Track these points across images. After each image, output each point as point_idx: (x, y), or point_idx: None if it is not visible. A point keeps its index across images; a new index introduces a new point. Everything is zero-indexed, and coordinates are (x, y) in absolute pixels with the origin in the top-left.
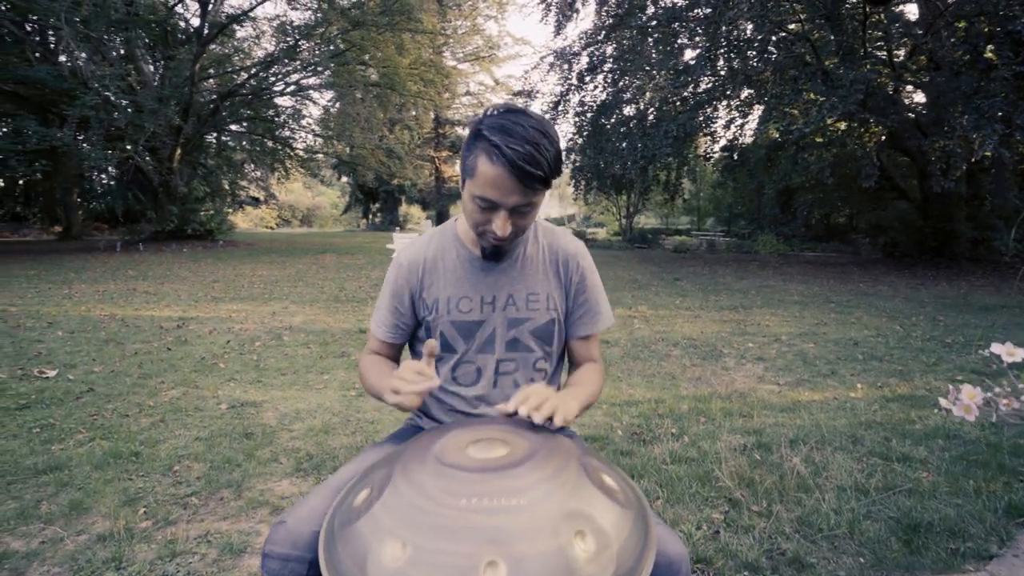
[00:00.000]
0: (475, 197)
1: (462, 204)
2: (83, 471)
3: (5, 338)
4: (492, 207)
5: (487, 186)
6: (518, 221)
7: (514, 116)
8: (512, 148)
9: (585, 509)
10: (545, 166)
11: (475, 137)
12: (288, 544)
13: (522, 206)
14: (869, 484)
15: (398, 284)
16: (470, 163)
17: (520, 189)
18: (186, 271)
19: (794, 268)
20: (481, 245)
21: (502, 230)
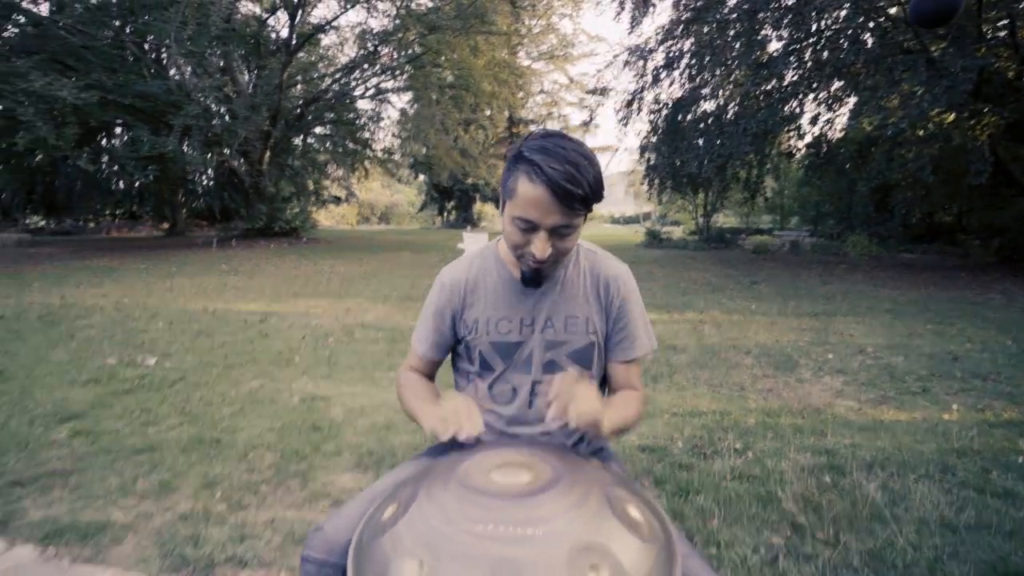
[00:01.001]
0: (515, 218)
1: (502, 227)
2: (172, 453)
3: (118, 328)
4: (532, 228)
5: (527, 206)
6: (558, 243)
7: (554, 139)
8: (553, 168)
9: (603, 543)
10: (585, 186)
11: (515, 159)
12: (324, 550)
13: (562, 227)
14: (958, 520)
15: (440, 303)
16: (510, 185)
17: (560, 209)
18: (272, 267)
19: (887, 272)
20: (521, 270)
21: (541, 252)
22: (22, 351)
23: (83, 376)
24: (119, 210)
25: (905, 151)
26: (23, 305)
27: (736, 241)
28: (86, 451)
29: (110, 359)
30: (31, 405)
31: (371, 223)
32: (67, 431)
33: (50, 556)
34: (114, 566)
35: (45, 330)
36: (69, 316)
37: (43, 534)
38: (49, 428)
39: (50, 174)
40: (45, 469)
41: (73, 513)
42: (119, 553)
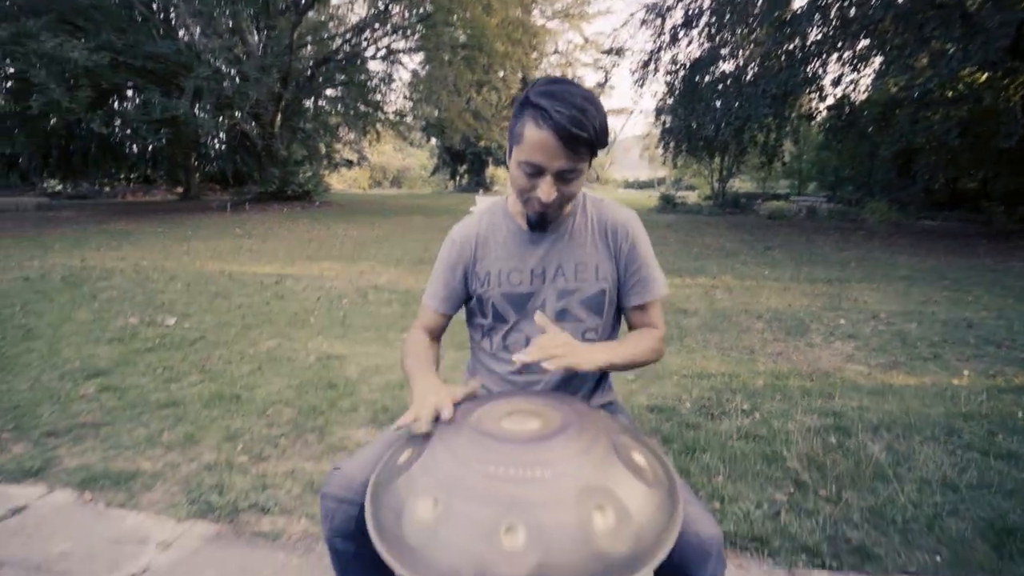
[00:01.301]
0: (521, 163)
1: (509, 174)
2: (195, 408)
3: (138, 289)
4: (537, 172)
5: (533, 150)
6: (563, 188)
7: (561, 85)
8: (559, 111)
9: (609, 485)
10: (591, 130)
11: (522, 105)
12: (342, 488)
13: (567, 171)
14: (960, 480)
15: (451, 258)
16: (517, 130)
17: (566, 153)
18: (285, 230)
19: (906, 239)
20: (527, 215)
21: (547, 195)
22: (48, 311)
23: (107, 335)
24: (133, 174)
25: (931, 113)
26: (46, 267)
27: (752, 206)
28: (113, 405)
29: (132, 319)
30: (59, 362)
31: (383, 187)
32: (95, 386)
33: (87, 500)
34: (146, 510)
35: (69, 291)
36: (91, 278)
37: (79, 480)
38: (78, 383)
39: (65, 138)
40: (76, 421)
41: (105, 462)
42: (149, 499)
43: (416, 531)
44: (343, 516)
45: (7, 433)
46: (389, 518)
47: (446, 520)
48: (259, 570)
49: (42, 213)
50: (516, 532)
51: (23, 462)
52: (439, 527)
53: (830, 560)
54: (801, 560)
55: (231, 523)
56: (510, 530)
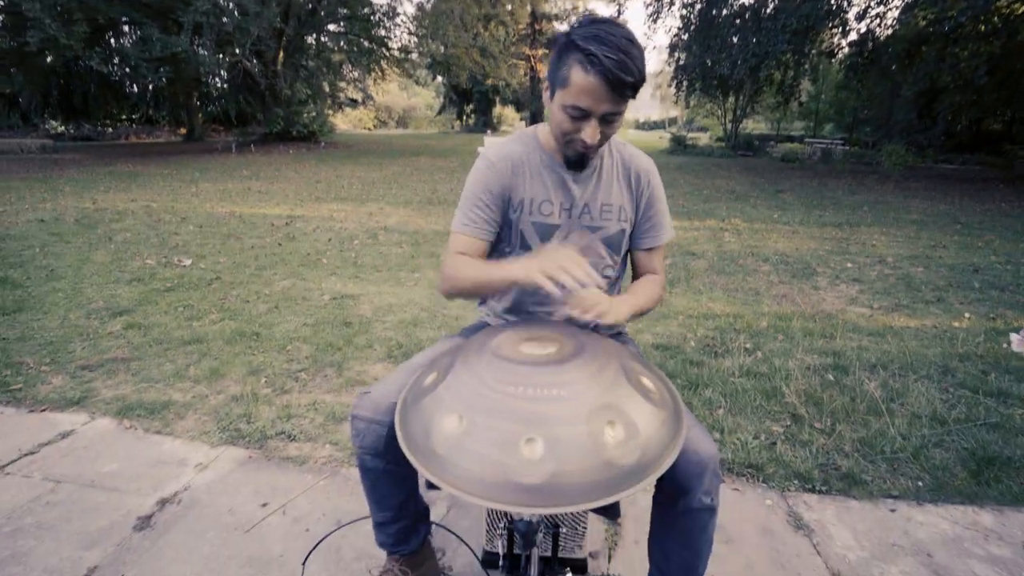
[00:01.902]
0: (566, 107)
1: (549, 115)
2: (217, 345)
3: (151, 231)
4: (584, 116)
5: (581, 94)
6: (606, 130)
7: (605, 26)
8: (608, 57)
9: (618, 404)
10: (636, 73)
11: (567, 47)
12: (371, 409)
13: (611, 114)
14: (949, 415)
15: (488, 179)
16: (563, 73)
17: (612, 97)
18: (292, 172)
19: (920, 183)
20: (565, 154)
21: (592, 138)
22: (67, 252)
23: (126, 275)
24: (136, 114)
25: (960, 49)
26: (59, 209)
27: (764, 148)
28: (140, 341)
29: (149, 260)
30: (83, 301)
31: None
32: (120, 324)
33: (127, 427)
34: (181, 437)
35: (84, 233)
36: (104, 220)
37: (116, 409)
38: (104, 321)
39: (64, 76)
40: (107, 356)
41: (139, 393)
42: (183, 426)
43: (443, 443)
44: (373, 435)
45: (45, 366)
46: (418, 433)
47: (471, 433)
48: (290, 489)
49: (47, 155)
50: (534, 443)
51: (64, 392)
52: (464, 439)
53: (820, 485)
54: (793, 485)
55: (260, 448)
56: (529, 441)
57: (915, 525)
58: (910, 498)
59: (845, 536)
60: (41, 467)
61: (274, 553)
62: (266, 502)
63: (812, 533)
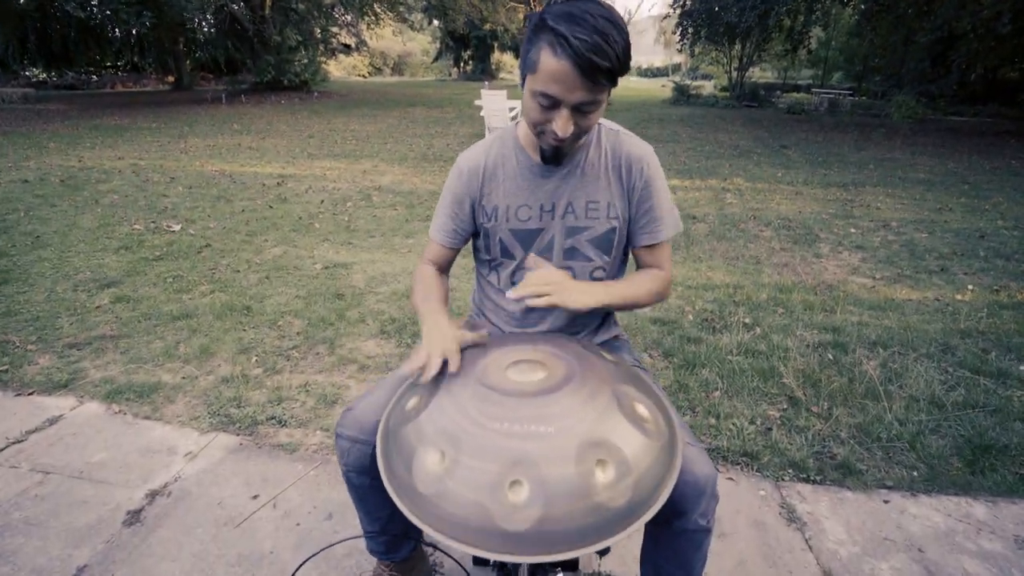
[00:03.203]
0: (536, 93)
1: (522, 103)
2: (207, 320)
3: (139, 192)
4: (554, 104)
5: (550, 81)
6: (580, 121)
7: (581, 4)
8: (579, 38)
9: (610, 439)
10: (613, 58)
11: (538, 28)
12: (355, 429)
13: (586, 104)
14: (947, 398)
15: (459, 190)
16: (532, 57)
17: (585, 84)
18: (284, 124)
19: (929, 137)
20: (540, 147)
21: (563, 130)
22: (52, 217)
23: (114, 243)
24: (120, 61)
25: None
26: (44, 168)
27: (770, 99)
28: (129, 316)
29: (136, 225)
30: (70, 271)
31: (384, 74)
32: (108, 297)
33: (115, 412)
34: (170, 422)
35: (70, 195)
36: (90, 180)
37: (105, 393)
38: (92, 294)
39: (40, 20)
40: (95, 333)
41: (127, 375)
42: (173, 411)
43: (425, 480)
44: (357, 454)
45: (32, 345)
46: (399, 466)
47: (453, 473)
48: (280, 479)
49: (29, 106)
50: (520, 487)
51: (51, 374)
52: (447, 479)
53: (814, 475)
54: (787, 475)
55: (251, 435)
56: (514, 485)
57: (908, 518)
58: (904, 489)
59: (838, 530)
60: (29, 456)
61: (264, 550)
62: (256, 494)
63: (805, 527)
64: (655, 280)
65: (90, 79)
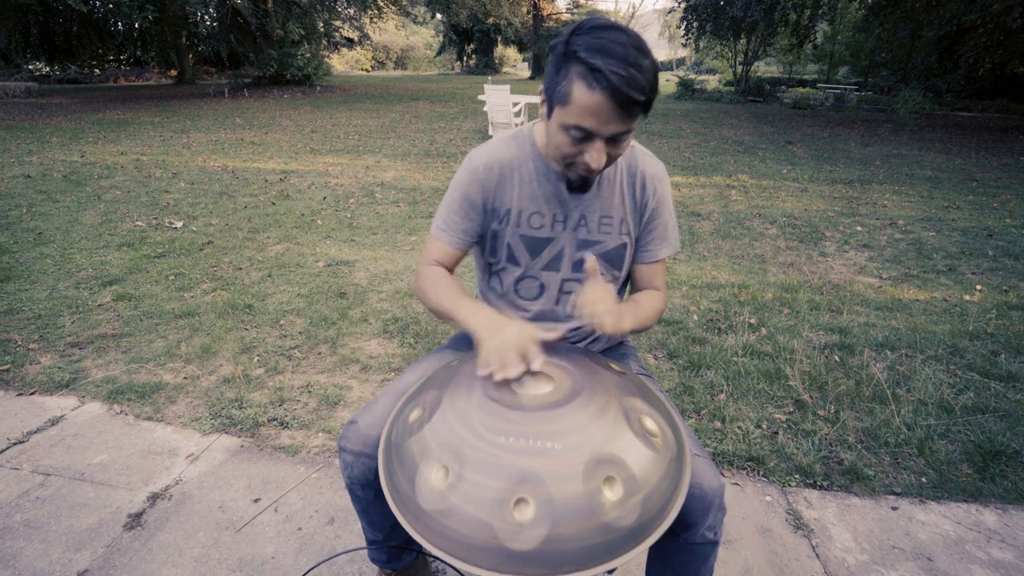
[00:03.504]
0: (567, 127)
1: (547, 133)
2: (209, 319)
3: (142, 188)
4: (587, 137)
5: (584, 114)
6: (612, 151)
7: (610, 34)
8: (615, 72)
9: (618, 455)
10: (647, 89)
11: (566, 59)
12: (359, 443)
13: (619, 135)
14: (956, 402)
15: (471, 189)
16: (563, 89)
17: (620, 116)
18: (287, 119)
19: (936, 133)
20: (567, 176)
21: (597, 162)
22: (55, 213)
23: (116, 240)
24: (123, 55)
25: None
26: (46, 163)
27: (775, 93)
28: (131, 314)
29: (139, 222)
30: (73, 268)
31: (386, 68)
32: (111, 295)
33: (116, 412)
34: (172, 423)
35: (72, 191)
36: (93, 176)
37: (106, 393)
38: (94, 292)
39: (43, 13)
40: (97, 332)
41: (129, 374)
42: (174, 411)
43: (428, 497)
44: (361, 468)
45: (34, 344)
46: (402, 481)
47: (457, 490)
48: (282, 482)
49: (32, 100)
50: (526, 505)
51: (53, 374)
52: (451, 496)
53: (821, 480)
54: (794, 480)
55: (252, 437)
56: (520, 503)
57: (917, 525)
58: (913, 495)
59: (845, 537)
60: (31, 457)
61: (266, 555)
62: (258, 497)
63: (812, 534)
64: (658, 301)
65: (93, 73)
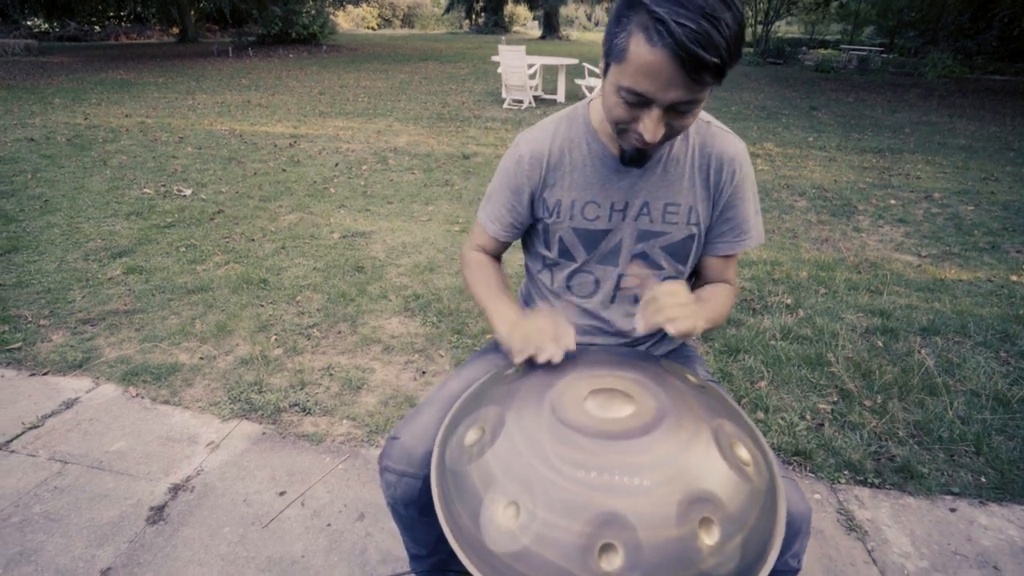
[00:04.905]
0: (621, 88)
1: (602, 94)
2: (223, 294)
3: (148, 153)
4: (643, 103)
5: (640, 76)
6: (674, 122)
7: None
8: (682, 25)
9: (714, 492)
10: (723, 50)
11: (629, 5)
12: (403, 461)
13: (683, 103)
14: (1012, 394)
15: (518, 179)
16: (619, 43)
17: (685, 82)
18: (293, 80)
19: (967, 99)
20: (620, 146)
21: (652, 134)
22: (60, 179)
23: (124, 208)
24: (123, 11)
25: None
26: (49, 126)
27: (796, 55)
28: (142, 289)
29: (147, 189)
30: (81, 239)
31: (393, 26)
32: (121, 267)
33: (132, 395)
34: (190, 407)
35: (77, 155)
36: (97, 140)
37: (121, 374)
38: (104, 264)
39: None
40: (109, 307)
41: (143, 354)
42: (191, 395)
43: (496, 538)
44: (405, 487)
45: (44, 320)
46: (463, 516)
47: (531, 531)
48: (307, 474)
49: (32, 58)
50: (612, 552)
51: (65, 353)
52: (523, 538)
53: (872, 477)
54: (843, 477)
55: (274, 423)
56: (606, 550)
57: (979, 529)
58: (971, 496)
59: (902, 541)
60: (46, 443)
61: (295, 553)
62: (283, 490)
63: (866, 536)
64: (729, 297)
65: (92, 30)
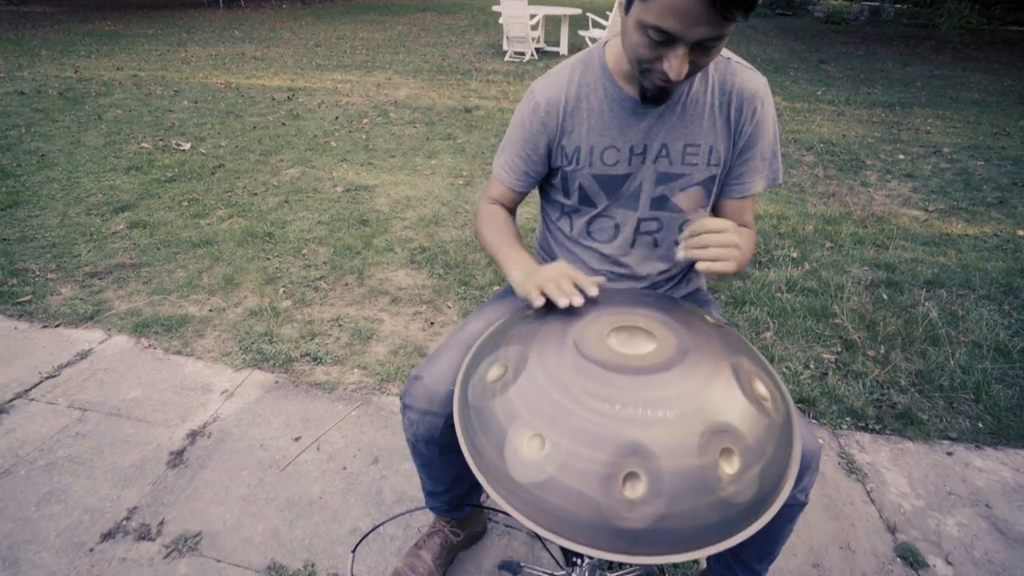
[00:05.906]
0: (646, 26)
1: (623, 32)
2: (229, 247)
3: (143, 107)
4: (669, 41)
5: (668, 14)
6: (699, 59)
7: None
8: None
9: (734, 424)
10: None
11: None
12: (425, 400)
13: (709, 40)
14: (1013, 345)
15: (533, 128)
16: None
17: (712, 19)
18: (288, 32)
19: (983, 51)
20: (641, 84)
21: (677, 72)
22: (56, 134)
23: (123, 162)
24: None
25: None
26: (39, 79)
27: (806, 6)
28: (147, 243)
29: (144, 143)
30: (81, 194)
31: None
32: (124, 222)
33: (145, 346)
34: (203, 359)
35: (70, 109)
36: (90, 93)
37: (132, 326)
38: (107, 219)
39: None
40: (115, 261)
41: (153, 306)
42: (203, 346)
43: (521, 469)
44: (427, 426)
45: (52, 274)
46: (488, 449)
47: (556, 461)
48: (321, 420)
49: (14, 7)
50: (636, 480)
51: (75, 306)
52: (547, 467)
53: (873, 423)
54: (845, 423)
55: (286, 372)
56: (630, 477)
57: (973, 471)
58: (968, 441)
59: (900, 482)
60: (64, 392)
61: (313, 495)
62: (298, 436)
63: (865, 478)
64: (752, 240)
65: None
